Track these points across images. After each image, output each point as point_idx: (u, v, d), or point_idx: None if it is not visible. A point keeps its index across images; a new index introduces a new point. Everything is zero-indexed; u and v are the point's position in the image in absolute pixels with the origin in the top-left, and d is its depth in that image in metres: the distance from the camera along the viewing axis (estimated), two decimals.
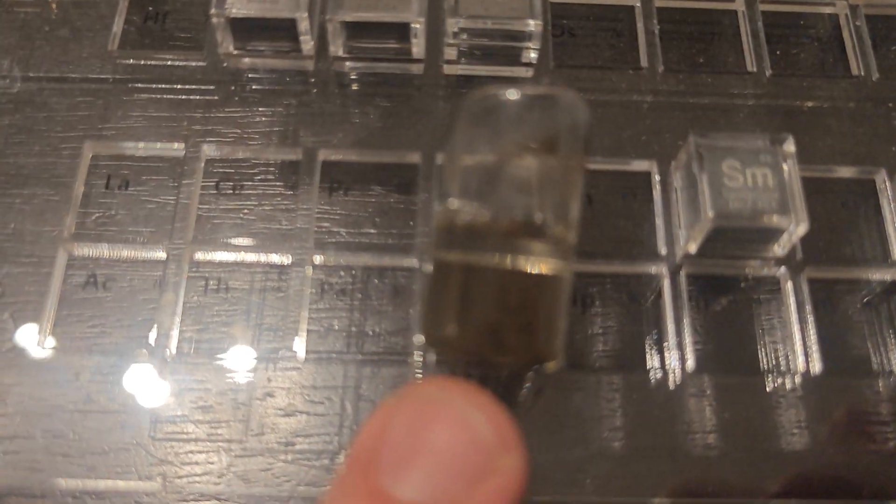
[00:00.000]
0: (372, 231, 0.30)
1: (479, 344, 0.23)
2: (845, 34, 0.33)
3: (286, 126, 0.30)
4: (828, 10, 0.33)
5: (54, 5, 0.33)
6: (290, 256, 0.28)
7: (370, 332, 0.28)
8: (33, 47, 0.32)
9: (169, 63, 0.31)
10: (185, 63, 0.31)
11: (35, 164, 0.30)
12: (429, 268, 0.25)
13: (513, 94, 0.24)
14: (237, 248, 0.29)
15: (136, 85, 0.31)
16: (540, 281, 0.24)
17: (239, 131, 0.30)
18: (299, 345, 0.27)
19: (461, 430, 0.19)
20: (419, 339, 0.28)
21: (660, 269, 0.28)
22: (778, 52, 0.32)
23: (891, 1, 0.33)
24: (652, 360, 0.28)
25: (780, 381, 0.27)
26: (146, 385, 0.27)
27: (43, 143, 0.30)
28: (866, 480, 0.27)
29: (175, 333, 0.27)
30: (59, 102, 0.31)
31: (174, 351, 0.27)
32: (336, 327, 0.28)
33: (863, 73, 0.32)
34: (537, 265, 0.24)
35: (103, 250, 0.28)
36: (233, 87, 0.31)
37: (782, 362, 0.28)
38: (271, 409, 0.27)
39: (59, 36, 0.32)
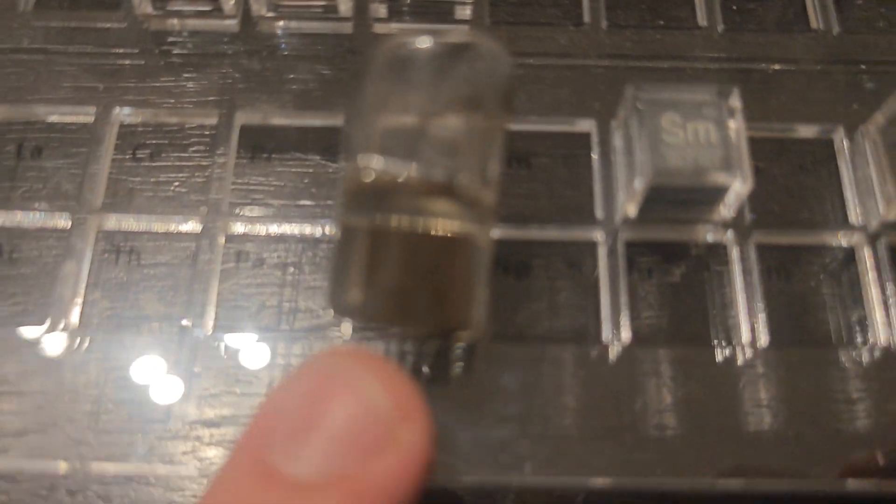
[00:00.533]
0: (308, 202, 0.28)
1: (386, 312, 0.22)
2: None
3: (211, 91, 0.29)
4: None
5: None
6: (202, 225, 0.27)
7: (303, 308, 0.27)
8: None
9: (86, 25, 0.30)
10: (103, 25, 0.30)
11: None
12: (336, 233, 0.23)
13: (424, 42, 0.23)
14: (150, 217, 0.27)
15: (51, 48, 0.30)
16: (452, 244, 0.22)
17: (161, 96, 0.29)
18: (211, 320, 0.26)
19: (356, 402, 0.18)
20: (328, 310, 0.26)
21: (597, 235, 0.27)
22: (734, 7, 0.31)
23: None
24: (592, 332, 0.26)
25: (729, 354, 0.26)
26: (61, 362, 0.25)
27: None
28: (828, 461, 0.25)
29: (77, 307, 0.26)
30: None
31: (77, 323, 0.26)
32: (267, 304, 0.27)
33: (822, 28, 0.30)
34: (450, 227, 0.22)
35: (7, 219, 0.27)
36: (155, 51, 0.30)
37: (733, 335, 0.26)
38: (196, 389, 0.26)
39: None
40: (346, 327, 0.26)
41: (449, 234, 0.22)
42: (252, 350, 0.26)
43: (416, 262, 0.22)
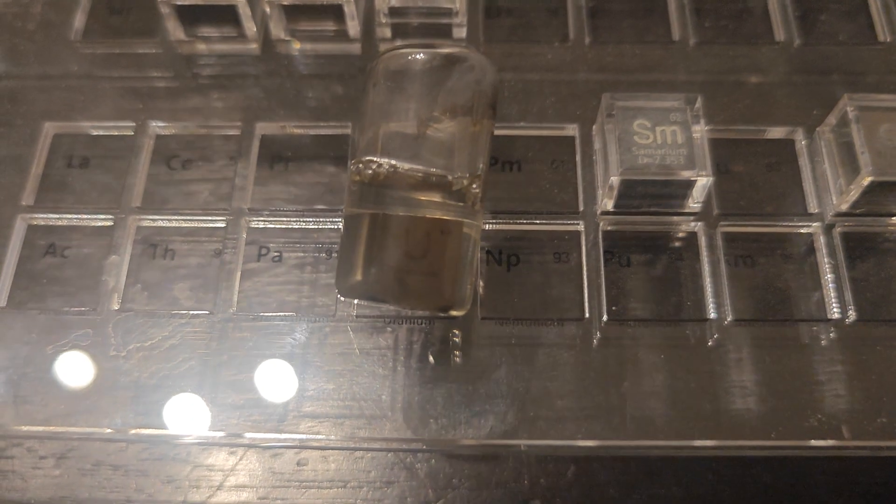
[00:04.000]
0: (322, 207, 0.31)
1: (384, 290, 0.25)
2: (771, 4, 0.34)
3: (236, 107, 0.32)
4: None
5: (39, 5, 0.35)
6: (226, 221, 0.30)
7: (319, 303, 0.30)
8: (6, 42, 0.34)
9: (126, 52, 0.34)
10: (141, 51, 0.34)
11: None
12: (343, 225, 0.26)
13: (419, 55, 0.26)
14: (181, 215, 0.30)
15: (97, 73, 0.33)
16: (443, 231, 0.25)
17: (191, 112, 0.32)
18: (235, 306, 0.29)
19: None
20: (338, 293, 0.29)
21: (580, 227, 0.29)
22: (706, 24, 0.34)
23: None
24: (576, 313, 0.29)
25: (699, 331, 0.28)
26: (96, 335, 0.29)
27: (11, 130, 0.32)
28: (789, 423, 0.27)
29: (118, 293, 0.29)
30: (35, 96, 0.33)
31: (117, 307, 0.29)
32: (287, 299, 0.30)
33: (785, 40, 0.33)
34: (441, 216, 0.25)
35: (60, 221, 0.31)
36: (186, 73, 0.33)
37: (702, 314, 0.29)
38: (224, 371, 0.29)
39: (28, 30, 0.34)
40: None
41: (440, 223, 0.25)
42: (270, 336, 0.29)
43: (410, 247, 0.25)
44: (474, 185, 0.25)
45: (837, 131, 0.29)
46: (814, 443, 0.27)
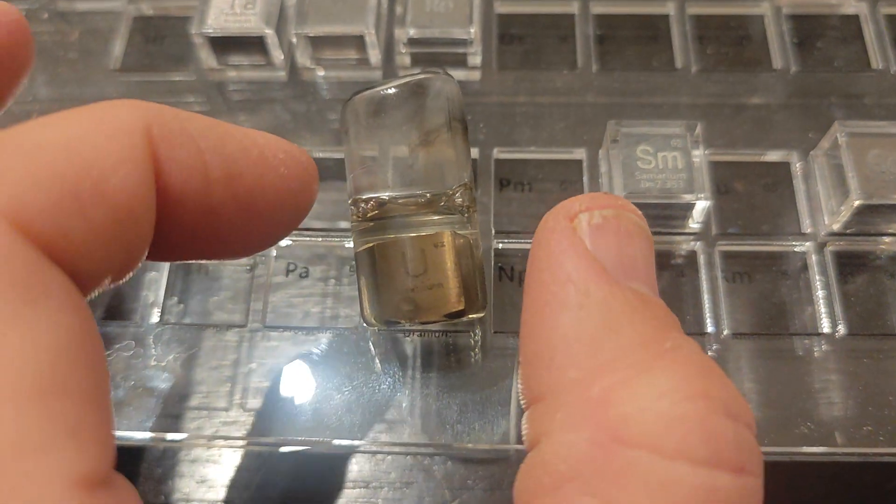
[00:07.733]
0: (344, 224, 0.33)
1: (397, 312, 0.27)
2: (770, 32, 0.36)
3: (264, 130, 0.34)
4: (755, 10, 0.36)
5: (77, 34, 0.38)
6: None
7: (341, 314, 0.32)
8: (50, 69, 0.37)
9: (162, 79, 0.36)
10: (176, 78, 0.36)
11: None
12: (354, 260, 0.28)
13: (386, 90, 0.27)
14: None
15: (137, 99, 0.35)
16: (438, 242, 0.27)
17: None
18: (265, 318, 0.31)
19: None
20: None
21: None
22: (708, 52, 0.35)
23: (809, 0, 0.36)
24: None
25: (698, 343, 0.30)
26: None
27: None
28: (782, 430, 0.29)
29: (158, 306, 0.31)
30: None
31: (157, 320, 0.31)
32: (312, 311, 0.32)
33: (782, 67, 0.35)
34: (437, 231, 0.27)
35: None
36: (218, 98, 0.35)
37: (701, 325, 0.31)
38: (254, 379, 0.31)
39: (70, 59, 0.37)
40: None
41: (432, 237, 0.27)
42: (292, 347, 0.31)
43: (410, 267, 0.26)
44: (457, 195, 0.27)
45: (829, 155, 0.31)
46: (806, 449, 0.29)
